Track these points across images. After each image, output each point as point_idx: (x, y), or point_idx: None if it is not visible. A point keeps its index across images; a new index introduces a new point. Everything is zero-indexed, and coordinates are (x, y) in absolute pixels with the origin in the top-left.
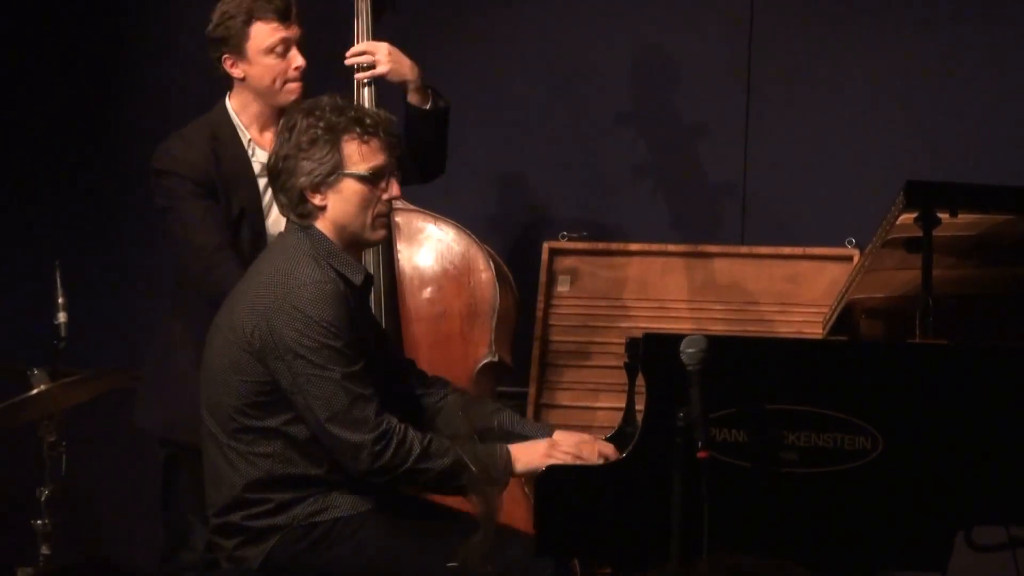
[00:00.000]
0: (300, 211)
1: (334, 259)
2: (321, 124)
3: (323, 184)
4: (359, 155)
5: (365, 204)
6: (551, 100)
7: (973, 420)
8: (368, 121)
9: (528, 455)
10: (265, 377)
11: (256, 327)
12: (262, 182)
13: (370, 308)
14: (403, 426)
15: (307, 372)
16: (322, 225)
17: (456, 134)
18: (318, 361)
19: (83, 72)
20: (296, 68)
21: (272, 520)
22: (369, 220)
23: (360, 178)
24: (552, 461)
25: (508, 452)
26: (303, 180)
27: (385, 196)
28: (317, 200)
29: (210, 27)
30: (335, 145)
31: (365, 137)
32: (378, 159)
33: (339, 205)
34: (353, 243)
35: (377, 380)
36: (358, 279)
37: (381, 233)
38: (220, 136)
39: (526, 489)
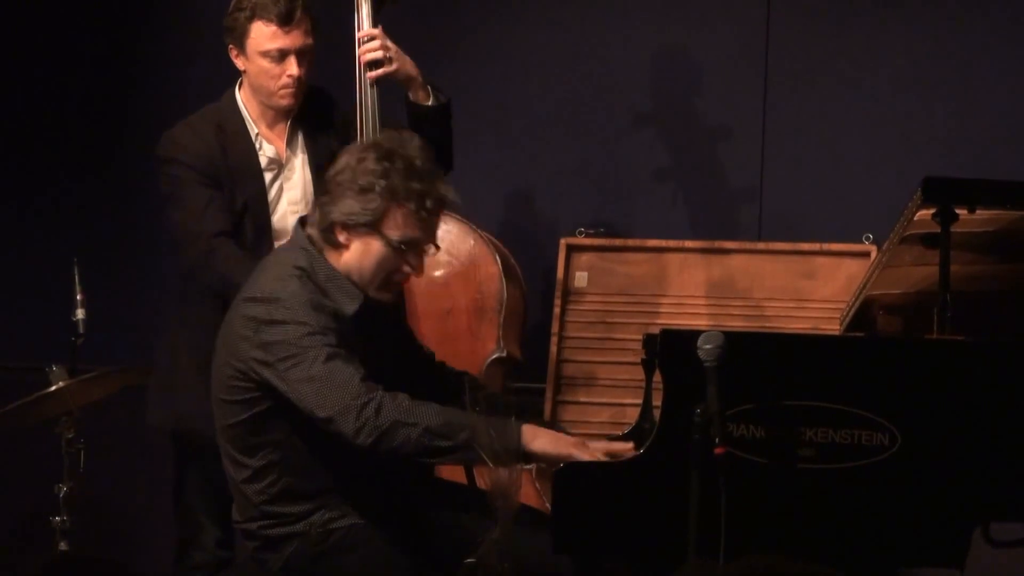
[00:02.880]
0: (324, 236)
1: (332, 283)
2: (383, 182)
3: (355, 229)
4: (401, 223)
5: (380, 267)
6: (570, 97)
7: (990, 416)
8: (429, 203)
9: (550, 439)
10: (258, 394)
11: (249, 355)
12: (268, 176)
13: (380, 324)
14: (395, 391)
15: (291, 364)
16: (333, 257)
17: (475, 130)
18: (297, 352)
19: (101, 70)
20: (289, 76)
21: (291, 528)
22: (379, 281)
23: (388, 243)
24: (580, 456)
25: (520, 427)
26: (338, 215)
27: (406, 269)
28: (342, 238)
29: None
30: (385, 206)
31: (420, 213)
32: (416, 233)
33: (358, 255)
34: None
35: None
36: (350, 308)
37: (387, 296)
38: (227, 127)
39: (537, 485)
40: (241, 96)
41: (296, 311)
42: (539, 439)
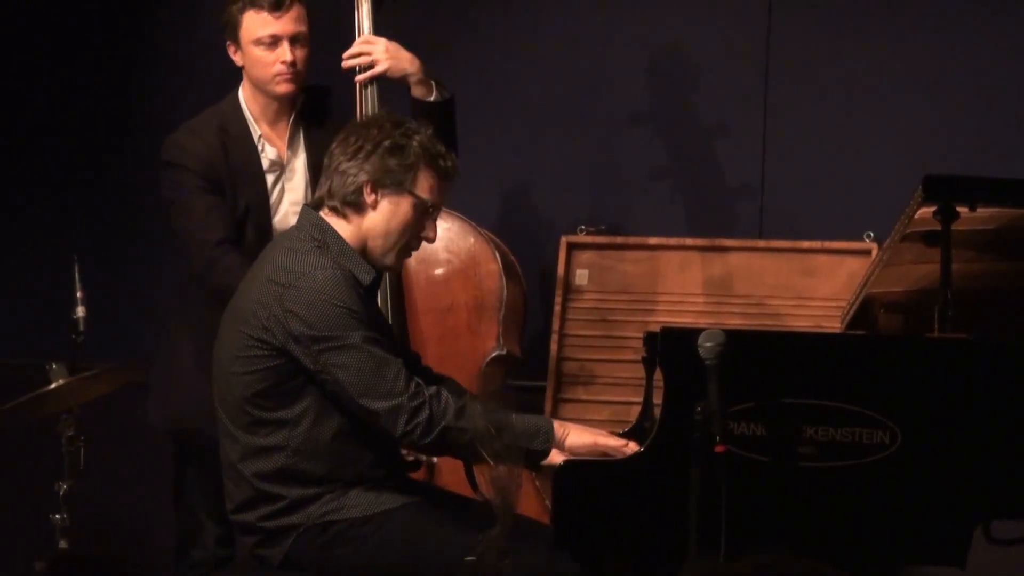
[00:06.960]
0: (348, 199)
1: (344, 257)
2: (415, 142)
3: (387, 187)
4: (429, 185)
5: (405, 229)
6: (571, 94)
7: (991, 414)
8: (449, 164)
9: (578, 431)
10: (273, 364)
11: (269, 318)
12: (270, 178)
13: (376, 308)
14: (435, 387)
15: (328, 347)
16: (345, 227)
17: (476, 128)
18: (335, 334)
19: (101, 68)
20: (283, 63)
21: (287, 519)
22: (399, 246)
23: (418, 203)
24: (609, 443)
25: (550, 424)
26: (370, 174)
27: (424, 233)
28: (371, 199)
29: None
30: (417, 165)
31: (442, 176)
32: (438, 199)
33: (385, 215)
34: (367, 256)
35: None
36: (366, 278)
37: (398, 264)
38: (230, 129)
39: (536, 483)
40: (243, 95)
41: (323, 284)
42: (571, 434)
